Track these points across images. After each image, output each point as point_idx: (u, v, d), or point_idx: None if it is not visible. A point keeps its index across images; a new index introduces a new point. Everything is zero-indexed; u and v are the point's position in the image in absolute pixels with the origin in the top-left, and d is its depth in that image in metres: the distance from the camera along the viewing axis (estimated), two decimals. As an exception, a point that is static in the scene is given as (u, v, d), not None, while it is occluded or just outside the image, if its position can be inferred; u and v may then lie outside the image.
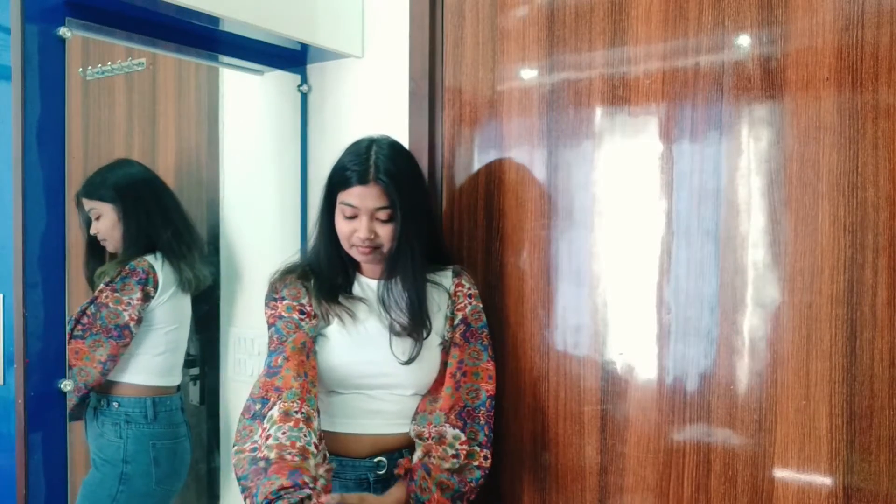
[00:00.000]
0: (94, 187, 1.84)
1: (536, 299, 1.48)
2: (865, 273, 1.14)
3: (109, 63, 2.07)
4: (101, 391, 1.79)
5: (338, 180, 1.33)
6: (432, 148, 1.61)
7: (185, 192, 2.04)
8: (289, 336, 1.31)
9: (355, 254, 1.35)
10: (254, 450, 1.18)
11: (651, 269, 1.34)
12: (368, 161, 1.30)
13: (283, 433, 1.17)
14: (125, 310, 1.74)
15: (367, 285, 1.40)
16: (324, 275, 1.38)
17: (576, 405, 1.43)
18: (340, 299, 1.36)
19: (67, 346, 1.34)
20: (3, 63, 1.26)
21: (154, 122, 2.08)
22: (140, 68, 2.05)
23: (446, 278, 1.43)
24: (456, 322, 1.40)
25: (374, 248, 1.32)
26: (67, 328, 1.36)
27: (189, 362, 2.01)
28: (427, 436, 1.31)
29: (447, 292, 1.42)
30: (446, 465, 1.29)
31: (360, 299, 1.38)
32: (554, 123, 1.45)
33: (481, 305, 1.44)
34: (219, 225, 1.99)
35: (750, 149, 1.24)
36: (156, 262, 1.81)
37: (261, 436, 1.19)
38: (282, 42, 1.71)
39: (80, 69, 2.08)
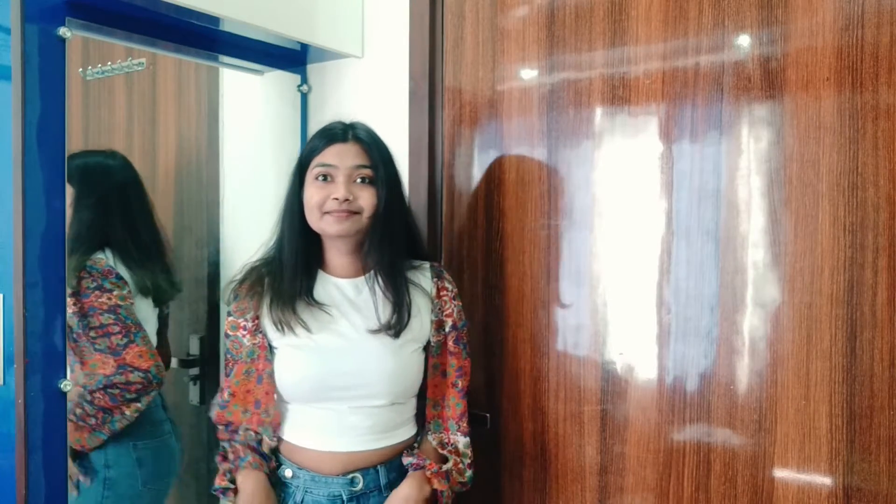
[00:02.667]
0: (68, 164, 1.79)
1: (536, 299, 1.48)
2: (865, 273, 1.14)
3: (109, 63, 2.07)
4: None
5: (311, 148, 1.29)
6: (432, 148, 1.61)
7: (184, 192, 2.04)
8: (238, 357, 1.30)
9: (329, 223, 1.24)
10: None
11: (651, 269, 1.34)
12: (345, 125, 1.30)
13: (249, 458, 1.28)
14: (132, 303, 1.68)
15: (334, 285, 1.30)
16: (284, 276, 1.27)
17: (576, 405, 1.43)
18: (300, 307, 1.26)
19: (90, 357, 1.33)
20: (3, 63, 1.25)
21: (154, 121, 2.08)
22: (140, 68, 2.05)
23: (425, 279, 1.35)
24: (447, 329, 1.34)
25: (352, 213, 1.24)
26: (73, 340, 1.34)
27: (189, 362, 2.01)
28: (447, 441, 1.33)
29: (428, 295, 1.34)
30: (461, 479, 1.33)
31: (323, 304, 1.27)
32: (554, 123, 1.45)
33: (460, 303, 1.39)
34: (219, 225, 1.99)
35: (750, 149, 1.24)
36: (108, 258, 1.71)
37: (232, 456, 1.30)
38: (282, 42, 1.71)
39: (80, 69, 2.08)
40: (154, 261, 1.80)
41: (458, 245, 1.59)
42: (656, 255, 1.33)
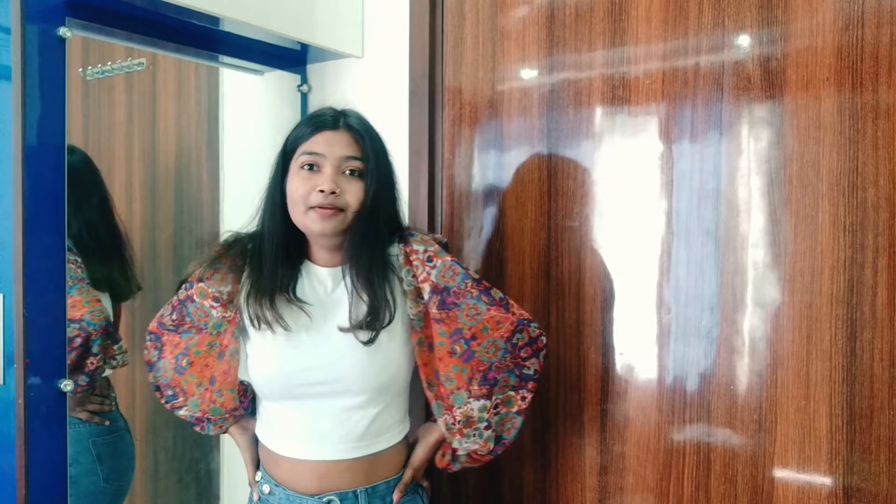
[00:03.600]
0: None
1: (536, 299, 1.48)
2: (865, 273, 1.14)
3: (109, 63, 2.07)
4: None
5: (297, 135, 1.18)
6: (432, 148, 1.61)
7: (184, 192, 2.04)
8: (200, 326, 1.25)
9: (312, 220, 1.14)
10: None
11: (651, 269, 1.34)
12: (336, 111, 1.20)
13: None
14: (81, 271, 1.64)
15: (316, 276, 1.21)
16: (264, 269, 1.18)
17: (576, 405, 1.43)
18: (279, 303, 1.16)
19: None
20: (3, 63, 1.26)
21: (154, 122, 2.08)
22: (140, 68, 2.05)
23: (395, 254, 1.23)
24: (426, 296, 1.18)
25: (337, 209, 1.14)
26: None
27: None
28: (453, 421, 1.19)
29: (395, 270, 1.22)
30: (485, 451, 1.22)
31: (304, 303, 1.18)
32: (554, 123, 1.45)
33: (450, 258, 1.21)
34: (219, 225, 1.99)
35: (750, 149, 1.24)
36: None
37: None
38: (282, 42, 1.71)
39: (80, 69, 2.08)
40: (112, 257, 1.78)
41: (459, 245, 1.59)
42: (656, 255, 1.33)
